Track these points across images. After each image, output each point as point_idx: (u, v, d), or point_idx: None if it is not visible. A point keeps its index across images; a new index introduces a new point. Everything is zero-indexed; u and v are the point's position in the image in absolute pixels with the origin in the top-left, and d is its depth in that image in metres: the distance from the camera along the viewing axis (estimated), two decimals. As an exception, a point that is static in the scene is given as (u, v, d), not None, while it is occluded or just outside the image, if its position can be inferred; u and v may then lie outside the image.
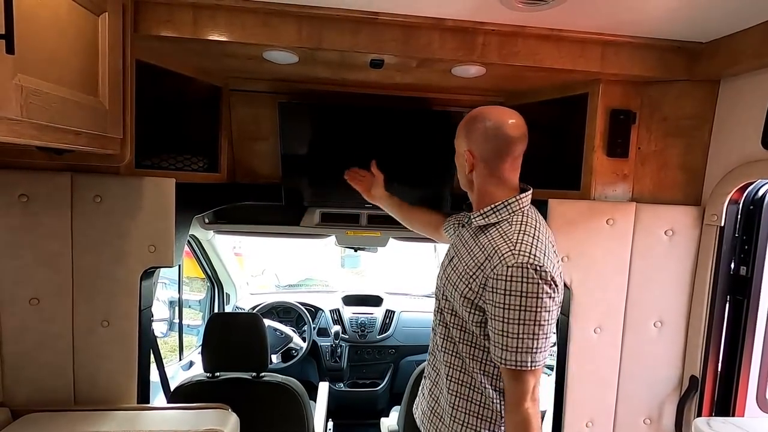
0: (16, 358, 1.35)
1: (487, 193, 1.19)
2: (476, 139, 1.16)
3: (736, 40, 1.32)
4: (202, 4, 1.28)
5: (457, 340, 1.19)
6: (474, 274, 1.11)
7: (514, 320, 1.03)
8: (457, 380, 1.20)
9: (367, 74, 1.63)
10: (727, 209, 1.45)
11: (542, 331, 1.03)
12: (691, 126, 1.52)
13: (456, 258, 1.23)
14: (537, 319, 1.02)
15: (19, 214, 1.31)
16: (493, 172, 1.17)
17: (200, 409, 1.40)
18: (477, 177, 1.20)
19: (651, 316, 1.57)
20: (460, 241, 1.26)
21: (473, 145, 1.17)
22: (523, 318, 1.02)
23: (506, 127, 1.14)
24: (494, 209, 1.16)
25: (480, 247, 1.14)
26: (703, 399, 1.52)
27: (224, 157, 1.83)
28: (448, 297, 1.20)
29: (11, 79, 0.81)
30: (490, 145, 1.14)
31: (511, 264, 1.03)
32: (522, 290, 1.02)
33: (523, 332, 1.03)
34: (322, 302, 3.20)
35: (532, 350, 1.03)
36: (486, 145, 1.15)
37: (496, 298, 1.04)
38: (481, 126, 1.16)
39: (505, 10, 1.25)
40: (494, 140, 1.14)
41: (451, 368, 1.21)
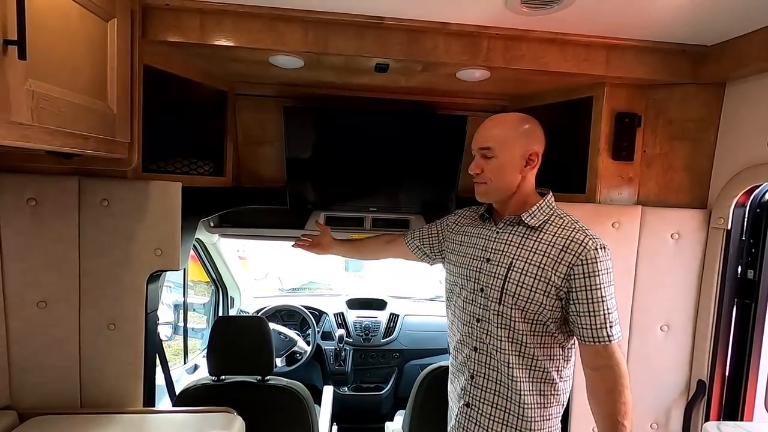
0: (23, 361, 1.36)
1: (530, 194, 1.24)
2: (539, 139, 1.21)
3: (742, 43, 1.32)
4: (208, 10, 1.29)
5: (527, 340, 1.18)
6: (554, 267, 1.14)
7: (604, 297, 1.12)
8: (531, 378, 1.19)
9: (372, 78, 1.64)
10: (733, 212, 1.44)
11: (615, 305, 1.15)
12: (696, 129, 1.52)
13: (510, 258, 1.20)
14: (613, 293, 1.14)
15: (28, 218, 1.32)
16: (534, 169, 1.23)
17: (205, 412, 1.40)
18: (528, 179, 1.23)
19: (657, 319, 1.56)
20: (499, 243, 1.24)
21: (537, 144, 1.20)
22: (609, 294, 1.13)
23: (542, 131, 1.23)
24: (540, 208, 1.22)
25: (547, 243, 1.17)
26: (710, 403, 1.51)
27: (230, 160, 1.84)
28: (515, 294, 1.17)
29: (23, 85, 0.82)
30: (543, 147, 1.22)
31: (591, 246, 1.12)
32: (605, 268, 1.13)
33: (610, 307, 1.13)
34: (326, 306, 3.19)
35: (617, 322, 1.14)
36: (542, 146, 1.22)
37: (587, 282, 1.12)
38: (540, 130, 1.22)
39: (509, 15, 1.26)
40: (543, 143, 1.22)
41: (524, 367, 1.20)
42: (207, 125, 1.77)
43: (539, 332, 1.18)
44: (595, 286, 1.11)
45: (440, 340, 3.01)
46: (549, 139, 1.76)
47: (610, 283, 1.14)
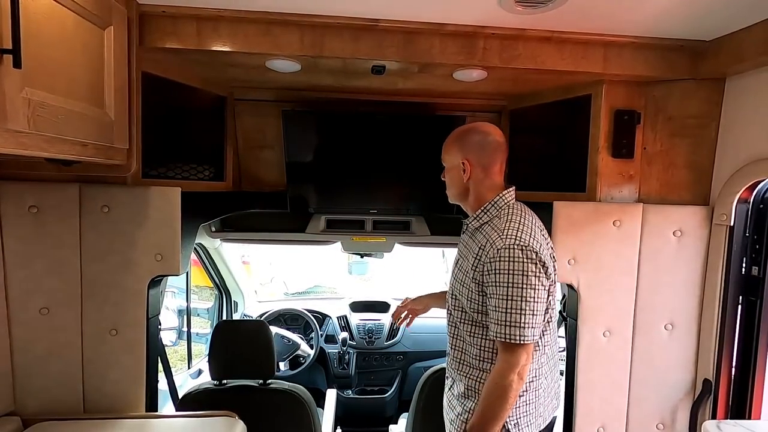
0: (27, 367, 1.37)
1: (482, 195, 1.31)
2: (472, 149, 1.30)
3: (740, 37, 1.30)
4: (204, 16, 1.30)
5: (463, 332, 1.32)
6: (475, 266, 1.23)
7: (504, 296, 1.16)
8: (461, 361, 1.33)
9: (369, 81, 1.64)
10: (736, 208, 1.42)
11: (529, 308, 1.15)
12: (697, 125, 1.50)
13: (460, 259, 1.35)
14: (523, 296, 1.15)
15: (29, 225, 1.33)
16: (487, 175, 1.31)
17: (207, 416, 1.41)
18: (473, 183, 1.32)
19: (661, 318, 1.54)
20: (462, 245, 1.38)
21: (470, 154, 1.30)
22: (511, 294, 1.15)
23: (494, 135, 1.31)
24: (485, 210, 1.30)
25: (476, 243, 1.27)
26: (717, 403, 1.48)
27: (230, 165, 1.85)
28: (457, 296, 1.33)
29: (19, 93, 0.83)
30: (485, 152, 1.29)
31: (499, 246, 1.17)
32: (509, 268, 1.15)
33: (512, 307, 1.15)
34: (330, 309, 3.19)
35: (520, 325, 1.15)
36: (482, 152, 1.29)
37: (491, 279, 1.18)
38: (474, 137, 1.31)
39: (504, 14, 1.25)
40: (488, 147, 1.29)
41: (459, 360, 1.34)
42: (207, 130, 1.78)
43: (478, 334, 1.27)
44: (500, 284, 1.16)
45: (443, 342, 2.98)
46: (548, 138, 1.78)
47: (522, 285, 1.14)
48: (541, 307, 1.18)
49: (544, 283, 1.18)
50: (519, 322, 1.15)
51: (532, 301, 1.15)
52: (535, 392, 1.28)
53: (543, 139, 1.81)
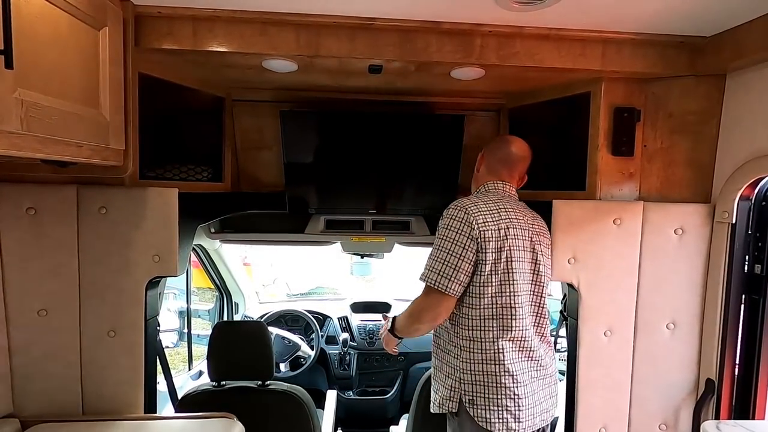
0: (25, 369, 1.37)
1: (478, 185, 1.52)
2: (490, 148, 1.53)
3: (741, 32, 1.29)
4: (200, 17, 1.30)
5: None
6: None
7: (435, 245, 1.35)
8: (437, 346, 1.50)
9: (367, 80, 1.64)
10: (738, 206, 1.40)
11: (440, 255, 1.31)
12: (697, 122, 1.49)
13: None
14: (440, 245, 1.33)
15: (27, 227, 1.33)
16: (492, 173, 1.50)
17: (206, 418, 1.40)
18: (480, 175, 1.53)
19: (663, 317, 1.53)
20: None
21: (487, 151, 1.53)
22: (435, 242, 1.35)
23: (513, 147, 1.50)
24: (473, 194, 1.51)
25: None
26: (720, 403, 1.47)
27: (228, 166, 1.85)
28: None
29: (11, 94, 0.83)
30: (497, 156, 1.50)
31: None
32: (441, 224, 1.36)
33: (432, 253, 1.34)
34: (331, 310, 3.19)
35: (430, 267, 1.32)
36: (495, 154, 1.50)
37: None
38: (498, 142, 1.55)
39: (501, 11, 1.24)
40: (501, 152, 1.50)
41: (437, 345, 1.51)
42: (205, 131, 1.78)
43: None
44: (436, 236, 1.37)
45: (446, 343, 2.97)
46: (547, 137, 1.77)
47: (442, 235, 1.33)
48: (457, 262, 1.29)
49: (468, 244, 1.30)
50: (430, 266, 1.32)
51: (445, 251, 1.30)
52: (497, 378, 1.31)
53: (542, 137, 1.80)
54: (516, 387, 1.30)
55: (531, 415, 1.32)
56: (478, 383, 1.31)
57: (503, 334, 1.32)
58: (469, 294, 1.33)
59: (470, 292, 1.33)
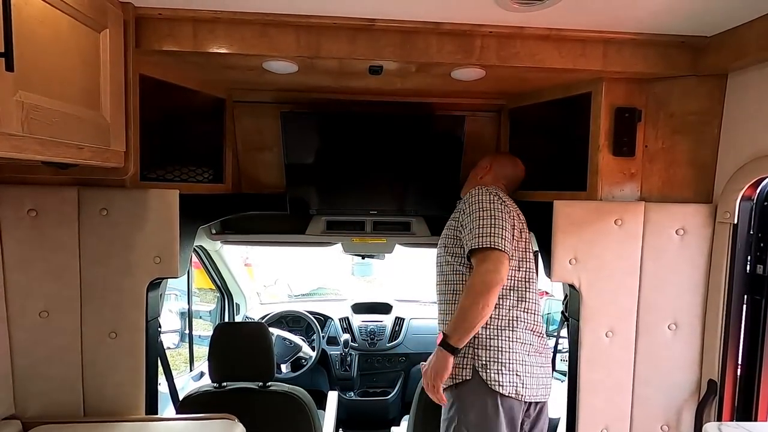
0: (27, 370, 1.37)
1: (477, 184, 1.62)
2: (498, 162, 1.68)
3: (742, 32, 1.28)
4: (201, 18, 1.30)
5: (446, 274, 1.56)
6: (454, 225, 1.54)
7: (472, 218, 1.43)
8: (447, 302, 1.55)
9: (367, 81, 1.64)
10: (740, 206, 1.40)
11: (493, 221, 1.40)
12: (699, 122, 1.48)
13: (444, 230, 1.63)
14: (487, 215, 1.42)
15: (28, 229, 1.33)
16: (495, 183, 1.62)
17: (207, 419, 1.40)
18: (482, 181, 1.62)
19: (665, 318, 1.52)
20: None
21: (495, 163, 1.67)
22: (478, 215, 1.42)
23: (518, 170, 1.70)
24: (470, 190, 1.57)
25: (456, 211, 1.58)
26: (723, 404, 1.46)
27: (229, 167, 1.85)
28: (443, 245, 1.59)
29: (12, 96, 0.83)
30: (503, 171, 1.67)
31: (464, 199, 1.52)
32: (476, 200, 1.46)
33: (479, 223, 1.41)
34: (332, 311, 3.18)
35: (489, 233, 1.38)
36: (504, 168, 1.68)
37: (464, 218, 1.47)
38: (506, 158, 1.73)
39: (501, 12, 1.24)
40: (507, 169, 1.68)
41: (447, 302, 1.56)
42: (206, 133, 1.78)
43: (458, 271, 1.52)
44: (470, 213, 1.44)
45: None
46: (548, 137, 1.76)
47: (485, 207, 1.43)
48: (503, 224, 1.39)
49: (505, 214, 1.42)
50: (478, 233, 1.38)
51: (489, 218, 1.40)
52: (510, 344, 1.41)
53: (542, 138, 1.80)
54: (526, 355, 1.43)
55: (534, 385, 1.44)
56: (492, 348, 1.41)
57: (518, 305, 1.46)
58: None
59: None
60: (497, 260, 1.36)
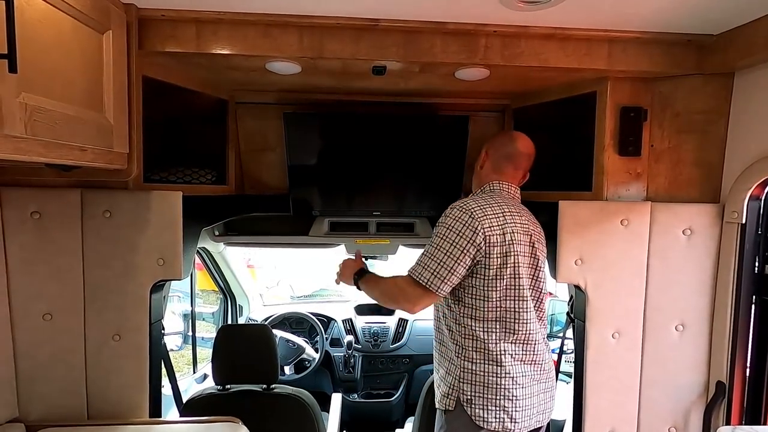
0: (30, 373, 1.36)
1: (481, 183, 1.49)
2: (494, 144, 1.49)
3: (749, 30, 1.27)
4: (204, 19, 1.30)
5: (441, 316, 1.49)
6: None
7: (432, 243, 1.33)
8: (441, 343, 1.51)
9: (370, 82, 1.63)
10: (748, 206, 1.38)
11: (433, 254, 1.30)
12: (705, 121, 1.47)
13: None
14: (437, 243, 1.31)
15: (32, 231, 1.33)
16: (496, 171, 1.47)
17: (210, 422, 1.39)
18: (483, 172, 1.50)
19: (672, 319, 1.51)
20: None
21: (491, 148, 1.49)
22: (438, 243, 1.31)
23: (518, 144, 1.46)
24: (475, 194, 1.46)
25: None
26: (731, 406, 1.44)
27: (232, 169, 1.84)
28: None
29: (15, 98, 0.82)
30: (502, 152, 1.46)
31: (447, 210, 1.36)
32: (441, 222, 1.34)
33: (426, 250, 1.33)
34: (335, 312, 3.17)
35: (422, 264, 1.31)
36: (499, 150, 1.47)
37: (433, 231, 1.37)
38: (502, 137, 1.51)
39: (506, 11, 1.23)
40: (506, 149, 1.46)
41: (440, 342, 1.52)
42: (209, 134, 1.78)
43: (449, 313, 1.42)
44: (432, 234, 1.35)
45: (451, 345, 2.95)
46: (553, 137, 1.75)
47: (441, 235, 1.31)
48: (453, 264, 1.28)
49: (467, 248, 1.28)
50: (424, 263, 1.31)
51: (443, 252, 1.28)
52: (496, 379, 1.31)
53: (547, 137, 1.78)
54: (515, 389, 1.31)
55: (527, 416, 1.34)
56: (477, 383, 1.32)
57: (506, 337, 1.33)
58: (474, 296, 1.33)
59: (475, 294, 1.32)
60: (419, 296, 1.32)
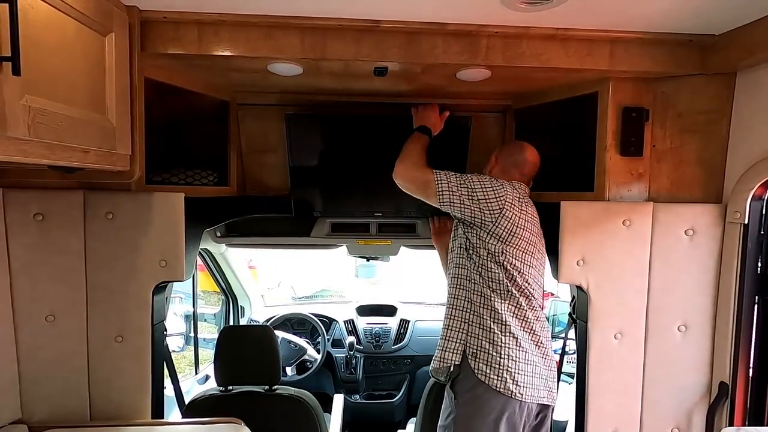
0: (33, 374, 1.37)
1: None
2: (504, 152, 1.63)
3: (751, 30, 1.27)
4: (206, 21, 1.30)
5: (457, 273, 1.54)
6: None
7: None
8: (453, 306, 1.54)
9: (372, 83, 1.63)
10: (750, 206, 1.38)
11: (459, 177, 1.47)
12: (707, 121, 1.47)
13: None
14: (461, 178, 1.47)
15: (35, 233, 1.33)
16: (504, 175, 1.55)
17: (212, 423, 1.40)
18: (492, 175, 1.56)
19: (675, 319, 1.50)
20: None
21: (501, 155, 1.62)
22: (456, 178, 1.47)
23: (527, 154, 1.59)
24: None
25: None
26: (734, 407, 1.44)
27: (234, 170, 1.85)
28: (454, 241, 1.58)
29: (19, 100, 0.83)
30: (510, 160, 1.59)
31: None
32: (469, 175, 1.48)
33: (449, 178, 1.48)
34: (337, 313, 3.18)
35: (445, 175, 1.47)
36: (508, 159, 1.60)
37: None
38: (512, 147, 1.65)
39: (507, 11, 1.23)
40: (514, 157, 1.59)
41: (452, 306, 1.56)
42: (211, 135, 1.78)
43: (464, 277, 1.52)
44: None
45: (452, 346, 2.95)
46: (554, 138, 1.75)
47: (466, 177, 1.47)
48: (466, 190, 1.43)
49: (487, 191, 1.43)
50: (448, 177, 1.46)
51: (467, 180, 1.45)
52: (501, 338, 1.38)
53: (549, 138, 1.78)
54: (518, 351, 1.38)
55: (531, 385, 1.38)
56: (483, 338, 1.40)
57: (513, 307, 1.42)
58: (489, 260, 1.43)
59: (490, 259, 1.42)
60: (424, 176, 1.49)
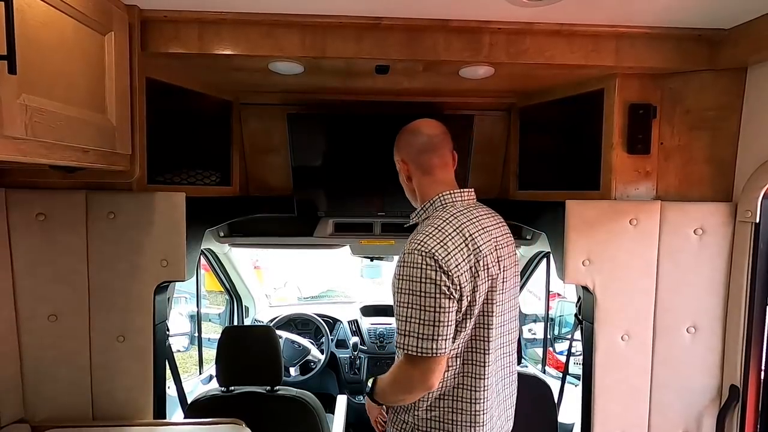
0: (36, 374, 1.37)
1: (425, 194, 1.27)
2: (404, 148, 1.30)
3: (761, 24, 1.24)
4: (206, 20, 1.29)
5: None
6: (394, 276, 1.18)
7: (404, 304, 1.11)
8: None
9: (374, 81, 1.62)
10: (762, 204, 1.35)
11: (427, 317, 1.08)
12: (717, 117, 1.43)
13: None
14: (421, 303, 1.08)
15: (37, 233, 1.34)
16: (427, 173, 1.26)
17: (214, 423, 1.39)
18: (416, 182, 1.29)
19: (683, 321, 1.47)
20: None
21: (403, 153, 1.30)
22: (409, 302, 1.10)
23: (425, 132, 1.27)
24: (424, 208, 1.26)
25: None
26: (746, 410, 1.41)
27: (236, 170, 1.84)
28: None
29: (16, 99, 0.82)
30: (415, 150, 1.27)
31: (403, 252, 1.13)
32: (408, 274, 1.10)
33: (410, 315, 1.10)
34: (341, 313, 3.16)
35: (403, 332, 1.10)
36: (412, 150, 1.27)
37: (395, 283, 1.14)
38: (405, 136, 1.31)
39: (510, 7, 1.21)
40: (417, 145, 1.27)
41: None
42: (213, 135, 1.78)
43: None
44: (399, 290, 1.12)
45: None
46: (560, 136, 1.73)
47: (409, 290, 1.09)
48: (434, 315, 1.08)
49: (442, 291, 1.08)
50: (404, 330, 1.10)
51: (417, 308, 1.09)
52: (452, 415, 1.18)
53: (554, 136, 1.76)
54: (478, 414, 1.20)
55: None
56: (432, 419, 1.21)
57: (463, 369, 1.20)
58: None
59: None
60: (424, 368, 1.11)
